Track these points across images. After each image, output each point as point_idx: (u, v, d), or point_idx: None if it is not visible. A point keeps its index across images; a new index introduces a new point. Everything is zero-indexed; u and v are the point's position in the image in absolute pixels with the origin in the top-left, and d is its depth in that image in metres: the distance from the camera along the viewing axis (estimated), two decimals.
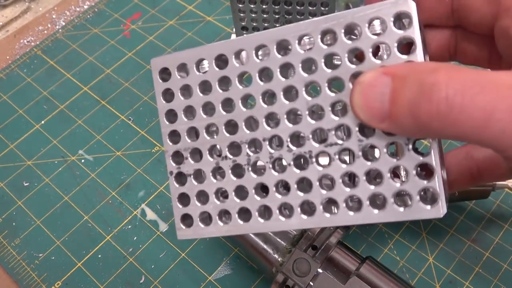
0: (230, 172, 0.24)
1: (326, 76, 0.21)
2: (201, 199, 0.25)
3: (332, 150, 0.22)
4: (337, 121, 0.22)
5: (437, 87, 0.18)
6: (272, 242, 0.37)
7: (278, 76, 0.22)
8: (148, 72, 0.56)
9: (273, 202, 0.23)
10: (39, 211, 0.47)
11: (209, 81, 0.24)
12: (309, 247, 0.35)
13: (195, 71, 0.24)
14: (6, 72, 0.58)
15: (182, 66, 0.25)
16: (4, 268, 0.44)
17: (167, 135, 0.25)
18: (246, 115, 0.23)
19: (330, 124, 0.22)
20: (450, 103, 0.17)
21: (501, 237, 0.42)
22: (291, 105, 0.22)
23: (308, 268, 0.34)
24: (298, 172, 0.23)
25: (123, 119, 0.53)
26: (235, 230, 0.24)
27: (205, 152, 0.25)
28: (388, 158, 0.21)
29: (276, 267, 0.36)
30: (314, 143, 0.22)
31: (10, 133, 0.53)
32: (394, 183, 0.21)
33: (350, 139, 0.21)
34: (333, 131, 0.22)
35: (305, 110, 0.22)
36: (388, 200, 0.21)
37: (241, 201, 0.24)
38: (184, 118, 0.25)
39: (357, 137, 0.21)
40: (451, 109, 0.17)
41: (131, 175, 0.49)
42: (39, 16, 0.63)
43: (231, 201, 0.24)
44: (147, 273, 0.43)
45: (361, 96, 0.20)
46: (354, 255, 0.36)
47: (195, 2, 0.62)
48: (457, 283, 0.40)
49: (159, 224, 0.45)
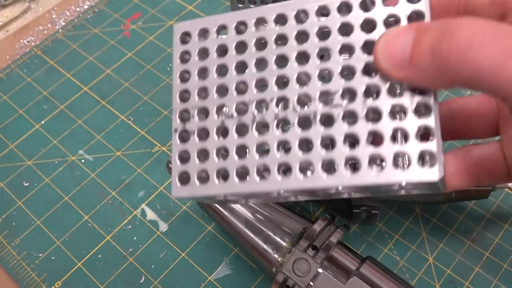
0: (234, 131, 0.24)
1: (338, 42, 0.23)
2: (201, 157, 0.25)
3: (337, 111, 0.22)
4: (345, 84, 0.22)
5: (459, 27, 0.19)
6: (272, 242, 0.37)
7: (293, 42, 0.24)
8: (148, 72, 0.56)
9: (272, 161, 0.23)
10: (39, 211, 0.47)
11: (226, 45, 0.25)
12: (309, 247, 0.35)
13: (214, 36, 0.25)
14: (6, 72, 0.58)
15: (203, 32, 0.26)
16: (4, 268, 0.44)
17: (178, 93, 0.26)
18: (257, 77, 0.24)
19: (337, 87, 0.23)
20: (471, 40, 0.18)
21: (501, 237, 0.42)
22: (301, 68, 0.23)
23: (308, 268, 0.34)
24: (299, 132, 0.23)
25: (123, 119, 0.53)
26: (231, 189, 0.24)
27: (212, 111, 0.25)
28: (390, 120, 0.22)
29: (276, 267, 0.36)
30: (319, 104, 0.23)
31: (10, 133, 0.53)
32: (394, 145, 0.21)
33: (355, 101, 0.22)
34: (339, 93, 0.23)
35: (315, 73, 0.23)
36: (387, 162, 0.21)
37: (240, 159, 0.24)
38: (197, 78, 0.26)
39: (362, 98, 0.22)
40: (471, 45, 0.18)
41: (131, 175, 0.49)
42: (39, 16, 0.63)
43: (230, 159, 0.24)
44: (147, 273, 0.43)
45: (385, 45, 0.21)
46: (354, 255, 0.36)
47: (195, 2, 0.62)
48: (457, 283, 0.40)
49: (159, 224, 0.45)
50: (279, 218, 0.38)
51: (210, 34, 0.26)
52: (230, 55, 0.25)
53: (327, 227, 0.36)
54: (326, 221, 0.36)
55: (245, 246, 0.38)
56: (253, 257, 0.38)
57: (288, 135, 0.23)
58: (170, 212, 0.46)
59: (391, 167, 0.21)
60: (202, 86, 0.25)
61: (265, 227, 0.37)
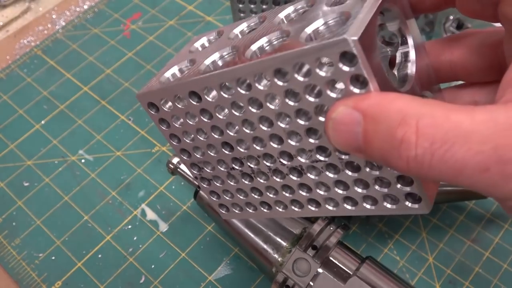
0: (241, 178, 0.28)
1: (292, 108, 0.22)
2: (227, 194, 0.30)
3: (319, 165, 0.24)
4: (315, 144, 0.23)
5: (406, 145, 0.18)
6: (272, 242, 0.37)
7: (250, 108, 0.23)
8: (148, 72, 0.56)
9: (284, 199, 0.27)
10: (39, 211, 0.47)
11: (191, 112, 0.26)
12: (309, 247, 0.35)
13: (176, 105, 0.26)
14: (6, 72, 0.58)
15: (164, 101, 0.27)
16: (4, 268, 0.44)
17: (179, 152, 0.29)
18: (236, 138, 0.25)
19: (309, 146, 0.23)
20: (420, 162, 0.18)
21: (501, 237, 0.42)
22: (271, 131, 0.24)
23: (308, 268, 0.34)
24: (296, 179, 0.25)
25: (123, 119, 0.53)
26: (262, 215, 0.29)
27: (214, 164, 0.28)
28: (369, 171, 0.22)
29: (276, 267, 0.36)
30: (301, 159, 0.24)
31: (10, 133, 0.53)
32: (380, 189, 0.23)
33: (331, 157, 0.23)
34: (314, 151, 0.23)
35: (284, 135, 0.23)
36: (379, 200, 0.24)
37: (259, 197, 0.28)
38: (186, 140, 0.28)
39: (337, 155, 0.23)
40: (421, 166, 0.18)
41: (131, 175, 0.49)
42: (39, 16, 0.63)
43: (251, 197, 0.28)
44: (147, 273, 0.43)
45: (335, 133, 0.20)
46: (354, 255, 0.36)
47: (195, 2, 0.62)
48: (457, 283, 0.40)
49: (159, 224, 0.45)
50: (279, 218, 0.38)
51: (172, 103, 0.26)
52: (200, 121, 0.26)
53: (327, 227, 0.36)
54: (326, 221, 0.36)
55: (245, 246, 0.38)
56: (253, 257, 0.38)
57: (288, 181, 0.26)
58: (170, 212, 0.46)
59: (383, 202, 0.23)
60: (194, 147, 0.28)
61: (265, 227, 0.37)
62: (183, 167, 0.41)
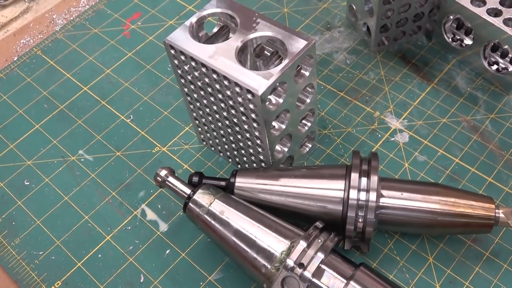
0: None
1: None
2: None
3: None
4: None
5: None
6: (262, 257, 0.36)
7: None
8: (148, 72, 0.56)
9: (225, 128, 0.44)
10: (39, 211, 0.47)
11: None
12: (296, 264, 0.35)
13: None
14: (6, 72, 0.58)
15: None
16: (4, 268, 0.44)
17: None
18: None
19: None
20: None
21: (501, 237, 0.42)
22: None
23: (297, 285, 0.34)
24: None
25: (123, 119, 0.53)
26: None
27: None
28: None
29: (266, 283, 0.36)
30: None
31: (10, 133, 0.53)
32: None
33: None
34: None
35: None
36: None
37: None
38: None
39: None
40: None
41: (131, 175, 0.49)
42: (39, 16, 0.63)
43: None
44: (147, 273, 0.43)
45: None
46: (347, 263, 0.36)
47: (195, 2, 0.62)
48: (457, 283, 0.40)
49: (159, 224, 0.45)
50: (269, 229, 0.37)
51: None
52: None
53: (315, 239, 0.36)
54: (316, 232, 0.36)
55: (235, 260, 0.38)
56: (244, 271, 0.38)
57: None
58: (170, 212, 0.46)
59: None
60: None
61: (253, 244, 0.37)
62: (171, 179, 0.41)
